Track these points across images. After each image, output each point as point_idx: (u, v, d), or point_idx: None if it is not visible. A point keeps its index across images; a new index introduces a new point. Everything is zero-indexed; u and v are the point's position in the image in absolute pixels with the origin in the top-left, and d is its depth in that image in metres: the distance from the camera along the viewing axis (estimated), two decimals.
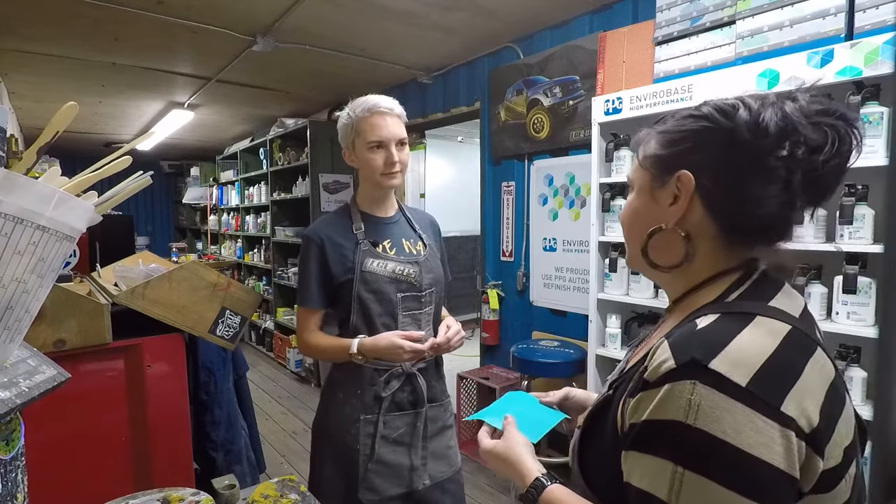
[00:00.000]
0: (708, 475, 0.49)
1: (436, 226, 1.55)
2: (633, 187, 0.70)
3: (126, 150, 0.77)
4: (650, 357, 0.57)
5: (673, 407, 0.51)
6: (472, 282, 5.89)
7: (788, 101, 0.58)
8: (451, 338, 1.34)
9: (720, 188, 0.60)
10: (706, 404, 0.50)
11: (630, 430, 0.56)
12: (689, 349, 0.53)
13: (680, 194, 0.62)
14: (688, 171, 0.60)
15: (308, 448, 1.47)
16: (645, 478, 0.53)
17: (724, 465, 0.49)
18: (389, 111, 1.32)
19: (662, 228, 0.64)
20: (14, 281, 0.60)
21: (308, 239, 1.35)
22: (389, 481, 1.35)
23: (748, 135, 0.57)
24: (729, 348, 0.51)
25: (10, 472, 0.67)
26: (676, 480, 0.50)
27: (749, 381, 0.50)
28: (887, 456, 0.43)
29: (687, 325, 0.57)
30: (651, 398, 0.53)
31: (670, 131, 0.64)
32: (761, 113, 0.57)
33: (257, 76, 3.79)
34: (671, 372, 0.52)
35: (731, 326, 0.54)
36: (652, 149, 0.66)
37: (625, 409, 0.59)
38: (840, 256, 1.55)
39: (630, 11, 2.46)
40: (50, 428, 1.37)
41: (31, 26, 2.75)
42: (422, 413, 1.39)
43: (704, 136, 0.60)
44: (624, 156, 2.16)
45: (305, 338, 1.37)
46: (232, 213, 6.49)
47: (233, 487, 1.17)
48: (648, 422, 0.53)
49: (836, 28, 1.60)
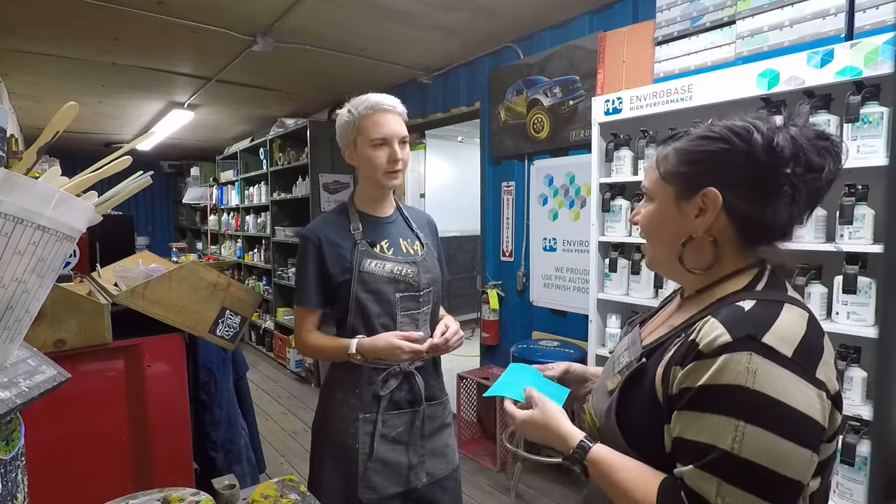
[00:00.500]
0: (766, 427, 0.60)
1: (433, 225, 1.55)
2: (654, 198, 0.79)
3: (126, 150, 0.77)
4: (697, 333, 0.67)
5: (732, 373, 0.61)
6: (472, 282, 5.89)
7: (792, 127, 0.70)
8: (450, 338, 1.33)
9: (742, 202, 0.71)
10: (762, 370, 0.61)
11: (682, 393, 0.66)
12: (742, 326, 0.63)
13: (706, 208, 0.72)
14: (714, 188, 0.71)
15: (308, 448, 1.47)
16: (703, 433, 0.63)
17: (779, 419, 0.60)
18: (392, 109, 1.32)
19: (693, 237, 0.74)
20: (14, 281, 0.60)
21: (305, 239, 1.35)
22: (388, 480, 1.35)
23: (764, 156, 0.68)
24: (775, 327, 0.63)
25: (10, 472, 0.67)
26: (739, 433, 0.60)
27: (793, 353, 0.62)
28: (887, 456, 0.43)
29: (730, 307, 0.67)
30: (706, 367, 0.63)
31: (691, 150, 0.73)
32: (773, 137, 0.68)
33: (257, 76, 3.79)
34: (727, 345, 0.63)
35: (770, 310, 0.66)
36: (673, 165, 0.75)
37: (668, 377, 0.69)
38: (840, 256, 1.55)
39: (630, 11, 2.46)
40: (50, 428, 1.37)
41: (31, 26, 2.75)
42: (420, 411, 1.39)
43: (724, 156, 0.71)
44: (624, 156, 2.16)
45: (304, 338, 1.37)
46: (232, 213, 6.49)
47: (233, 487, 1.17)
48: (707, 386, 0.63)
49: (836, 28, 1.60)
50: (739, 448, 0.60)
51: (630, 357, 0.80)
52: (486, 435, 3.33)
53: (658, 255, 0.82)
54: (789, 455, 0.60)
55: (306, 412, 3.94)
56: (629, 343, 0.86)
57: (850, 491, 1.51)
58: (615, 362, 0.86)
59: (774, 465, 0.59)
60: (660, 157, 0.78)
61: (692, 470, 0.63)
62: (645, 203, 0.82)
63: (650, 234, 0.81)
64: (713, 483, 0.61)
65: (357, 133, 1.33)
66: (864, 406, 1.51)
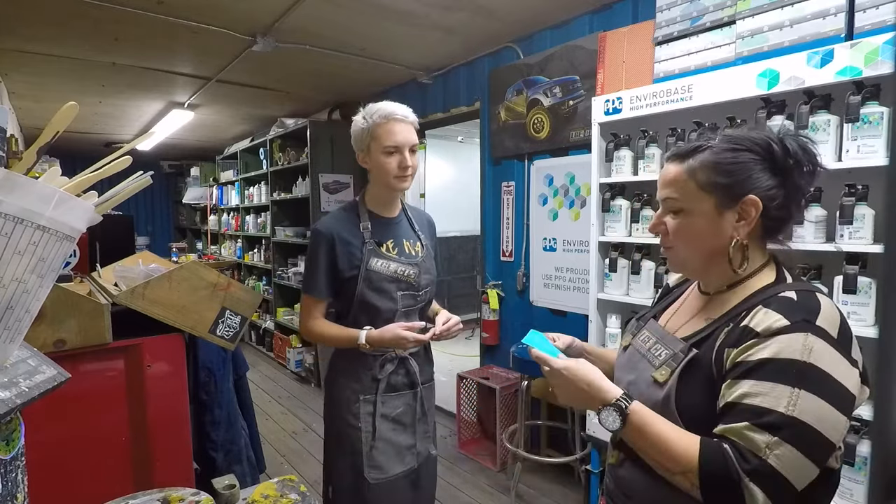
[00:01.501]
0: (818, 394, 0.70)
1: (433, 225, 1.67)
2: (687, 209, 0.84)
3: (126, 150, 0.77)
4: (750, 319, 0.77)
5: (791, 349, 0.71)
6: (472, 282, 5.89)
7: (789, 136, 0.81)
8: (450, 326, 1.46)
9: (773, 205, 0.80)
10: (817, 348, 0.71)
11: (736, 366, 0.75)
12: (797, 312, 0.74)
13: (747, 213, 0.81)
14: (754, 195, 0.79)
15: (308, 448, 1.50)
16: (760, 397, 0.71)
17: (828, 388, 0.70)
18: (404, 119, 1.43)
19: (735, 240, 0.82)
20: (14, 281, 0.60)
21: (318, 233, 1.45)
22: (393, 460, 1.47)
23: (785, 162, 0.79)
24: (822, 312, 0.74)
25: (10, 472, 0.67)
26: (794, 397, 0.70)
27: (837, 335, 0.73)
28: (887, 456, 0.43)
29: (778, 297, 0.78)
30: (764, 344, 0.73)
31: (723, 162, 0.81)
32: (786, 145, 0.79)
33: (257, 76, 3.79)
34: (786, 327, 0.73)
35: (813, 299, 0.76)
36: (710, 177, 0.82)
37: (721, 359, 0.78)
38: (840, 256, 1.55)
39: (630, 11, 2.46)
40: (50, 428, 1.37)
41: (31, 26, 2.75)
42: (417, 393, 1.53)
43: (754, 166, 0.80)
44: (624, 156, 2.16)
45: (310, 325, 1.47)
46: (232, 213, 6.49)
47: (233, 487, 1.17)
48: (768, 359, 0.72)
49: (836, 28, 1.60)
50: (794, 410, 0.69)
51: (672, 349, 0.86)
52: (486, 435, 3.33)
53: (691, 260, 0.88)
54: (832, 419, 0.70)
55: (306, 412, 3.94)
56: (657, 336, 0.92)
57: (850, 491, 1.51)
58: (648, 355, 0.91)
59: (819, 426, 0.69)
60: (689, 170, 0.84)
61: (745, 425, 0.71)
62: (668, 214, 0.87)
63: (684, 242, 0.87)
64: (764, 437, 0.70)
65: (371, 139, 1.43)
66: (864, 406, 1.51)
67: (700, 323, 0.87)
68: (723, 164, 0.81)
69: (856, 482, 1.50)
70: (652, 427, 0.79)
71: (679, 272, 1.01)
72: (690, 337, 0.85)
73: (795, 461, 0.69)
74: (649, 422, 0.79)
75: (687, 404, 0.81)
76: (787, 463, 0.69)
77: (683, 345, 0.85)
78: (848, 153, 1.53)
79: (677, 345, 0.86)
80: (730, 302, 0.84)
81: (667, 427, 0.78)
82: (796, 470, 0.69)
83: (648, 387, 0.87)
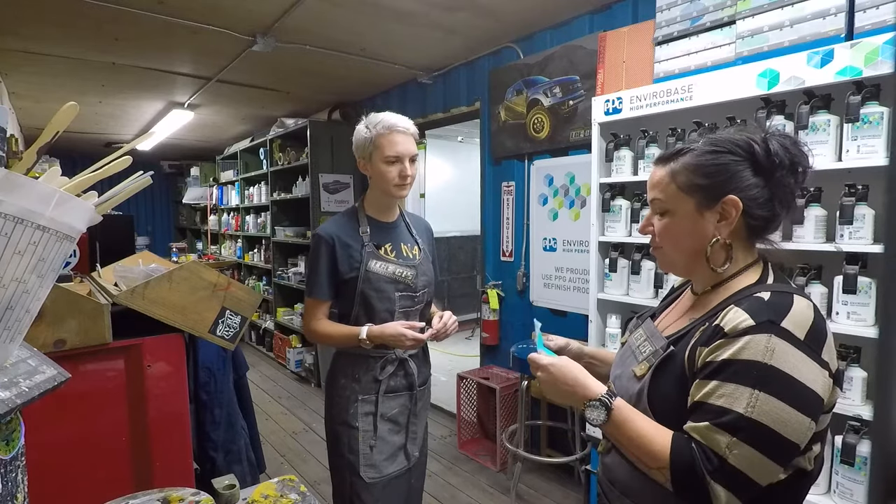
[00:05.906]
0: (777, 396, 0.70)
1: (430, 231, 1.72)
2: (671, 210, 0.86)
3: (126, 150, 0.77)
4: (721, 319, 0.77)
5: (753, 350, 0.72)
6: (472, 282, 5.89)
7: (775, 136, 0.81)
8: (447, 323, 1.50)
9: (755, 204, 0.81)
10: (779, 349, 0.71)
11: (706, 366, 0.76)
12: (763, 313, 0.74)
13: (728, 213, 0.81)
14: (734, 195, 0.80)
15: (308, 448, 1.51)
16: (723, 398, 0.72)
17: (788, 390, 0.70)
18: (405, 130, 1.48)
19: (718, 240, 0.83)
20: (14, 281, 0.60)
21: (320, 237, 1.50)
22: (389, 460, 1.51)
23: (766, 162, 0.80)
24: (790, 314, 0.74)
25: (10, 472, 0.67)
26: (753, 399, 0.70)
27: (804, 337, 0.73)
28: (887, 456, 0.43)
29: (750, 298, 0.78)
30: (730, 345, 0.74)
31: (703, 164, 0.82)
32: (769, 146, 0.80)
33: (257, 76, 3.79)
34: (751, 327, 0.73)
35: (785, 300, 0.76)
36: (690, 179, 0.83)
37: (693, 357, 0.79)
38: (840, 256, 1.55)
39: (630, 11, 2.47)
40: (50, 428, 1.37)
41: (31, 26, 2.75)
42: (415, 394, 1.57)
43: (735, 167, 0.81)
44: (624, 156, 2.16)
45: (314, 326, 1.51)
46: (232, 213, 6.49)
47: (233, 487, 1.17)
48: (730, 360, 0.73)
49: (837, 28, 1.60)
50: (752, 411, 0.70)
51: (655, 346, 0.89)
52: (486, 435, 3.33)
53: (677, 260, 0.90)
54: (792, 421, 0.70)
55: (306, 412, 3.94)
56: (647, 334, 0.94)
57: (850, 491, 1.51)
58: (636, 351, 0.94)
59: (778, 427, 0.70)
60: (671, 172, 0.86)
61: (707, 426, 0.73)
62: (655, 215, 0.89)
63: (669, 243, 0.89)
64: (725, 438, 0.71)
65: (373, 148, 1.48)
66: (864, 406, 1.51)
67: (684, 322, 0.89)
68: (703, 165, 0.82)
69: (856, 482, 1.50)
70: (632, 423, 0.80)
71: (668, 272, 1.04)
72: (673, 335, 0.88)
73: (755, 460, 0.70)
74: (630, 418, 0.81)
75: (658, 399, 0.83)
76: (746, 463, 0.70)
77: (664, 342, 0.87)
78: (848, 153, 1.53)
79: (660, 342, 0.88)
80: (712, 302, 0.86)
81: (645, 423, 0.80)
82: (757, 468, 0.71)
83: (629, 380, 0.90)
